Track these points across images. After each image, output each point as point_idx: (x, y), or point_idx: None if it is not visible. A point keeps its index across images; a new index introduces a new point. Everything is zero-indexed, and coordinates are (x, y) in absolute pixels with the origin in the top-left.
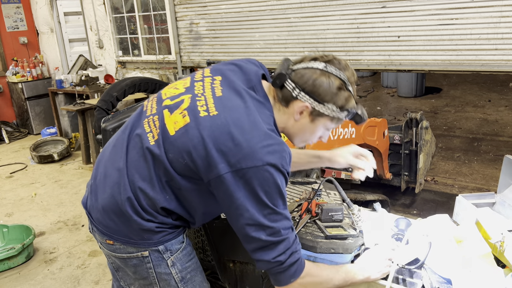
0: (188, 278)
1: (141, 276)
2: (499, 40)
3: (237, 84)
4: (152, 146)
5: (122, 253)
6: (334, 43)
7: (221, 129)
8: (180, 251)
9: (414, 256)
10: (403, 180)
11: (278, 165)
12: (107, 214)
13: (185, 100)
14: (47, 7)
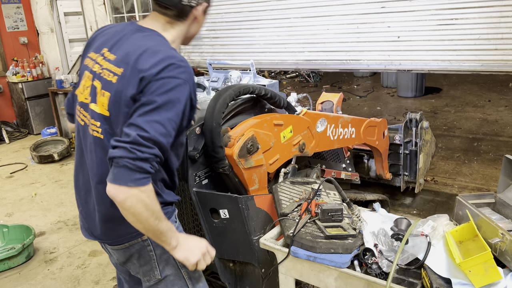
0: None
1: (144, 261)
2: (499, 40)
3: (122, 40)
4: (98, 138)
5: (125, 243)
6: (334, 43)
7: (133, 73)
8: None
9: (414, 256)
10: (403, 180)
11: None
12: (111, 226)
13: (96, 84)
14: (47, 7)
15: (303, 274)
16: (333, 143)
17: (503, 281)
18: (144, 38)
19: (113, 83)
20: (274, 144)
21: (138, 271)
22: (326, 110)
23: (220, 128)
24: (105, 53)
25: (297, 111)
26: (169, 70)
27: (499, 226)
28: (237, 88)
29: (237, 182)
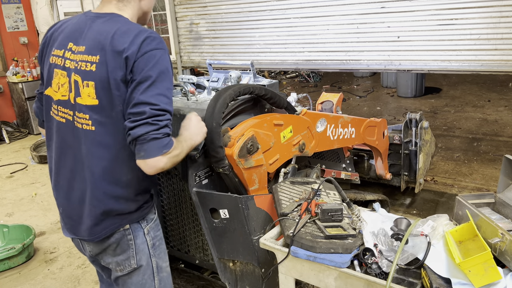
0: (157, 245)
1: (121, 250)
2: (499, 40)
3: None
4: (89, 131)
5: (107, 234)
6: (334, 43)
7: (113, 56)
8: (153, 221)
9: (414, 256)
10: (403, 180)
11: None
12: (98, 222)
13: (75, 78)
14: (47, 7)
15: (303, 274)
16: (333, 143)
17: (502, 281)
18: (107, 22)
19: (93, 72)
20: (274, 144)
21: (110, 261)
22: (326, 110)
23: (220, 128)
24: (72, 47)
25: (297, 111)
26: (147, 44)
27: (499, 226)
28: (237, 88)
29: (237, 182)
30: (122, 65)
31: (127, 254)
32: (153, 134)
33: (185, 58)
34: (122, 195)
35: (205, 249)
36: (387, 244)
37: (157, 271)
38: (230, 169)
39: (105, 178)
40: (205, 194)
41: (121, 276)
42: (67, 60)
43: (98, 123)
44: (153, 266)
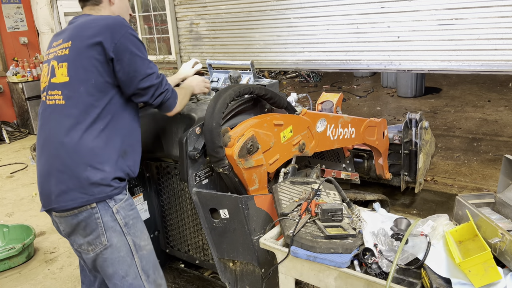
0: (131, 224)
1: (90, 229)
2: (499, 40)
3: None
4: (60, 105)
5: (74, 210)
6: (334, 43)
7: (83, 41)
8: (123, 201)
9: (414, 256)
10: (403, 180)
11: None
12: (65, 189)
13: (53, 63)
14: (47, 7)
15: (303, 274)
16: (333, 143)
17: (502, 281)
18: (81, 19)
19: (67, 55)
20: (274, 144)
21: (82, 242)
22: (326, 110)
23: (220, 128)
24: (54, 44)
25: (297, 111)
26: (119, 27)
27: (498, 226)
28: (237, 88)
29: (237, 182)
30: (96, 47)
31: (97, 233)
32: (167, 96)
33: (185, 58)
34: (88, 161)
35: (205, 249)
36: (387, 244)
37: (135, 249)
38: (230, 169)
39: (71, 146)
40: (205, 194)
41: (96, 257)
42: (50, 54)
43: (68, 98)
44: (129, 244)
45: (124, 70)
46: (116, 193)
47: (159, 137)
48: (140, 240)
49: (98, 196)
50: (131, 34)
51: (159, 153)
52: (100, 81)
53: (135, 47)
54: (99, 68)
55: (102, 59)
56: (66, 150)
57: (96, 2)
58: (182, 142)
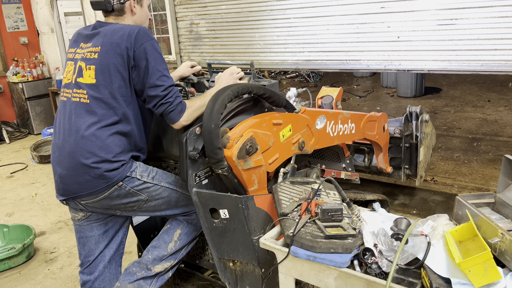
0: (155, 176)
1: (127, 197)
2: (499, 40)
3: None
4: (84, 103)
5: (105, 193)
6: (334, 43)
7: (112, 47)
8: (139, 167)
9: (414, 256)
10: (404, 173)
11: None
12: (88, 178)
13: (80, 64)
14: (47, 7)
15: (303, 273)
16: (333, 139)
17: (502, 281)
18: (110, 27)
19: (95, 59)
20: (273, 144)
21: (125, 208)
22: (325, 105)
23: (218, 130)
24: (82, 45)
25: (296, 109)
26: (142, 36)
27: (498, 226)
28: (235, 89)
29: (236, 183)
30: (121, 54)
31: (134, 197)
32: (169, 109)
33: (185, 58)
34: (106, 157)
35: (205, 249)
36: (387, 244)
37: (173, 186)
38: (229, 170)
39: (92, 140)
40: (205, 194)
41: (141, 209)
42: (76, 54)
43: (93, 98)
44: (167, 187)
45: (139, 77)
46: (130, 166)
47: (159, 137)
48: (170, 178)
49: (119, 177)
50: (151, 44)
51: (159, 153)
52: (122, 86)
53: (152, 57)
54: (122, 73)
55: (125, 66)
56: (88, 143)
57: (119, 13)
58: (182, 142)
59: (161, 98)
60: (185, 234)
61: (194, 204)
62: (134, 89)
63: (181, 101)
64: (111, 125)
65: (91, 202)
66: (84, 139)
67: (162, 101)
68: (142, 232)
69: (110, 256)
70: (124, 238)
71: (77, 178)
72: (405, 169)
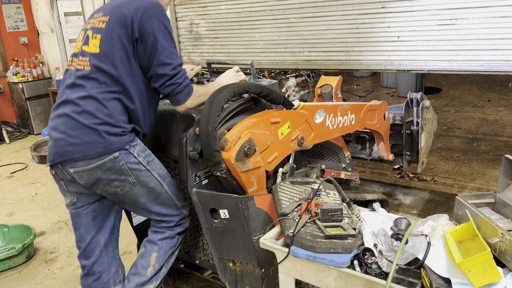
0: (151, 161)
1: (117, 175)
2: (499, 40)
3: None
4: (85, 70)
5: (98, 162)
6: (334, 43)
7: (119, 17)
8: (139, 145)
9: (414, 256)
10: (405, 160)
11: None
12: (78, 142)
13: (88, 33)
14: (47, 7)
15: (303, 274)
16: (332, 132)
17: (502, 281)
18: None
19: (102, 28)
20: (272, 142)
21: (108, 188)
22: (325, 94)
23: (216, 132)
24: (95, 15)
25: (295, 105)
26: (151, 11)
27: (498, 226)
28: (231, 89)
29: (235, 184)
30: (126, 25)
31: (124, 176)
32: (177, 90)
33: (185, 58)
34: (107, 120)
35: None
36: (387, 244)
37: (161, 179)
38: (228, 173)
39: (92, 103)
40: (205, 194)
41: (125, 194)
42: (89, 24)
43: (95, 67)
44: (156, 177)
45: (146, 53)
46: (131, 139)
47: (159, 137)
48: (162, 171)
49: (118, 144)
50: (161, 20)
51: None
52: (124, 58)
53: (161, 34)
54: (125, 45)
55: (128, 38)
56: (88, 107)
57: None
58: (182, 143)
59: (170, 77)
60: (162, 254)
61: (194, 204)
62: (140, 64)
63: (189, 83)
64: (113, 92)
65: (80, 170)
66: (84, 101)
67: (171, 81)
68: (142, 232)
69: (105, 241)
70: (117, 221)
71: (72, 139)
72: (407, 155)
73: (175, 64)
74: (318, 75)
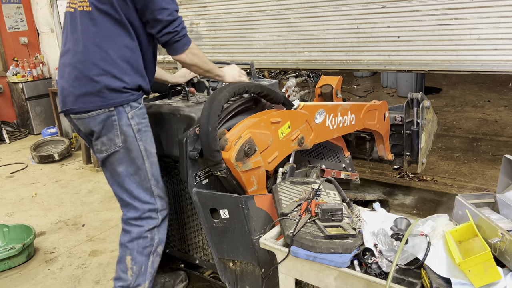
0: (143, 131)
1: (106, 130)
2: (499, 40)
3: None
4: (87, 11)
5: (92, 112)
6: (334, 43)
7: None
8: (138, 109)
9: (414, 256)
10: (405, 160)
11: None
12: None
13: None
14: (47, 7)
15: (303, 273)
16: (332, 132)
17: (502, 281)
18: None
19: None
20: (272, 142)
21: (97, 142)
22: (325, 94)
23: (216, 132)
24: None
25: (295, 105)
26: None
27: (498, 226)
28: (231, 89)
29: (235, 184)
30: None
31: (112, 134)
32: (175, 39)
33: None
34: (109, 70)
35: (205, 249)
36: (387, 244)
37: (146, 154)
38: (228, 172)
39: (95, 51)
40: (205, 194)
41: (108, 156)
42: None
43: (95, 7)
44: (141, 149)
45: None
46: (132, 99)
47: (159, 137)
48: (150, 148)
49: (116, 100)
50: None
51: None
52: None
53: None
54: None
55: None
56: (91, 56)
57: None
58: (182, 142)
59: (167, 23)
60: (137, 256)
61: (194, 204)
62: (135, 8)
63: (187, 34)
64: (115, 36)
65: (77, 118)
66: (88, 50)
67: (169, 29)
68: None
69: None
70: None
71: (74, 90)
72: (407, 156)
73: (172, 10)
74: (318, 75)
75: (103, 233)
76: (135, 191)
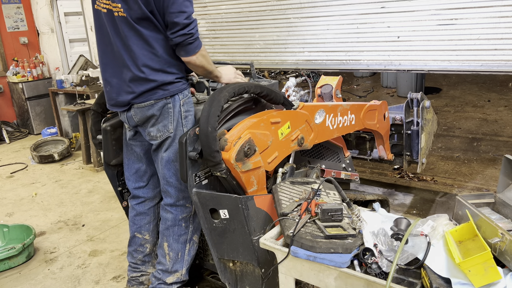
0: (188, 117)
1: (163, 117)
2: (499, 40)
3: None
4: (122, 17)
5: (151, 101)
6: (334, 43)
7: None
8: (188, 97)
9: (414, 256)
10: (405, 160)
11: None
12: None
13: None
14: (47, 7)
15: (303, 274)
16: (332, 132)
17: (502, 281)
18: None
19: None
20: (272, 142)
21: (152, 129)
22: (325, 94)
23: (215, 132)
24: None
25: (295, 105)
26: None
27: (498, 226)
28: (231, 89)
29: (235, 184)
30: None
31: (167, 121)
32: (189, 41)
33: None
34: (160, 68)
35: (205, 249)
36: (387, 244)
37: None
38: (228, 173)
39: (142, 54)
40: (205, 194)
41: (159, 144)
42: None
43: (126, 11)
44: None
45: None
46: (184, 87)
47: None
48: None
49: (172, 90)
50: None
51: None
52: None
53: None
54: None
55: None
56: (141, 60)
57: None
58: (182, 143)
59: (183, 26)
60: (173, 243)
61: (194, 204)
62: (156, 7)
63: (199, 37)
64: (153, 36)
65: (137, 107)
66: (135, 53)
67: (185, 31)
68: None
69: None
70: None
71: (134, 89)
72: (407, 155)
73: (189, 13)
74: (318, 75)
75: (103, 233)
76: (171, 178)
